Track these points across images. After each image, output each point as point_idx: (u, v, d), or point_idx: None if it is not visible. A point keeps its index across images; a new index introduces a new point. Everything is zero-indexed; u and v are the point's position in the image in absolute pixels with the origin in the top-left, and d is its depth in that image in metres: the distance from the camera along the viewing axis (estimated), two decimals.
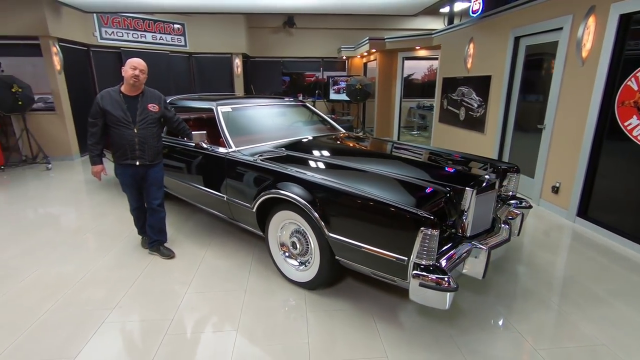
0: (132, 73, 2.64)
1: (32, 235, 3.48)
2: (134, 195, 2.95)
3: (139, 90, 2.75)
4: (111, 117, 2.67)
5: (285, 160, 2.74)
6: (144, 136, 2.75)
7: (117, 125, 2.69)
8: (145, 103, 2.77)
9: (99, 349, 1.99)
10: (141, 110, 2.74)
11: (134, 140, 2.72)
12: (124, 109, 2.69)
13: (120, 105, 2.68)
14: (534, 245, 3.33)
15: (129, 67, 2.66)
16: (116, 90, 2.71)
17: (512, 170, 2.98)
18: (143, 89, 2.79)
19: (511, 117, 4.93)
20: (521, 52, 4.69)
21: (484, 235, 2.38)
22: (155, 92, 2.88)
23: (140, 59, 2.73)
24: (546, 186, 4.22)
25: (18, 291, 2.55)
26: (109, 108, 2.66)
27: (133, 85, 2.69)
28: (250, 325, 2.19)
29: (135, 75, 2.64)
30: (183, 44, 8.88)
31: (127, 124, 2.70)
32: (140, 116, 2.73)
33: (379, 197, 2.01)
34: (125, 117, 2.69)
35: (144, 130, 2.75)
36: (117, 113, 2.67)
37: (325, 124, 4.09)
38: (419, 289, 1.84)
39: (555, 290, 2.59)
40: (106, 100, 2.67)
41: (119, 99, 2.69)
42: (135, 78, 2.65)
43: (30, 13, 5.95)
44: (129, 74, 2.65)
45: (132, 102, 2.72)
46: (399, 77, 8.42)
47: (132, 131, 2.71)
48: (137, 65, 2.68)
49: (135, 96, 2.74)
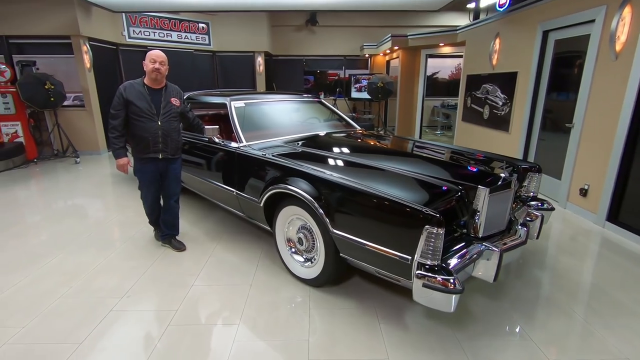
0: (152, 67, 2.62)
1: (58, 224, 3.63)
2: (153, 193, 2.92)
3: (161, 83, 2.74)
4: (135, 108, 2.63)
5: (295, 155, 2.71)
6: (167, 129, 2.74)
7: (141, 118, 2.66)
8: (168, 97, 2.76)
9: (105, 336, 2.04)
10: (165, 103, 2.73)
11: (157, 132, 2.70)
12: (149, 101, 2.66)
13: (145, 97, 2.66)
14: (558, 249, 3.14)
15: (148, 60, 2.64)
16: (140, 83, 2.70)
17: (533, 169, 2.82)
18: (166, 83, 2.78)
19: (538, 115, 4.69)
20: (549, 46, 4.45)
21: (498, 236, 2.27)
22: (176, 87, 2.89)
23: (159, 51, 2.70)
24: (574, 188, 3.98)
25: (37, 276, 2.66)
26: (133, 99, 2.62)
27: (155, 79, 2.68)
28: (252, 320, 2.18)
29: (155, 69, 2.63)
30: (207, 43, 9.05)
31: (151, 116, 2.67)
32: (164, 109, 2.72)
33: (383, 193, 1.95)
34: (149, 108, 2.66)
35: (167, 123, 2.73)
36: (142, 104, 2.64)
37: (340, 121, 4.04)
38: (423, 290, 1.76)
39: (577, 298, 2.42)
40: (130, 92, 2.64)
41: (143, 90, 2.67)
42: (157, 72, 2.63)
43: (62, 13, 6.23)
44: (149, 68, 2.63)
45: (155, 95, 2.71)
46: (422, 75, 8.22)
47: (155, 124, 2.69)
48: (156, 57, 2.64)
49: (159, 89, 2.73)
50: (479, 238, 2.15)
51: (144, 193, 2.94)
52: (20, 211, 4.02)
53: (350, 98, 10.39)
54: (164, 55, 2.70)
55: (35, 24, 6.27)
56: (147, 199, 2.96)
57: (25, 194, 4.68)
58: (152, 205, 3.01)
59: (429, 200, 1.94)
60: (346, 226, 2.10)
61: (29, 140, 6.39)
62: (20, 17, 6.23)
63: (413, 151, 3.05)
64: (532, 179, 2.84)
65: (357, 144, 3.22)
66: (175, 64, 8.52)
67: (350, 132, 3.64)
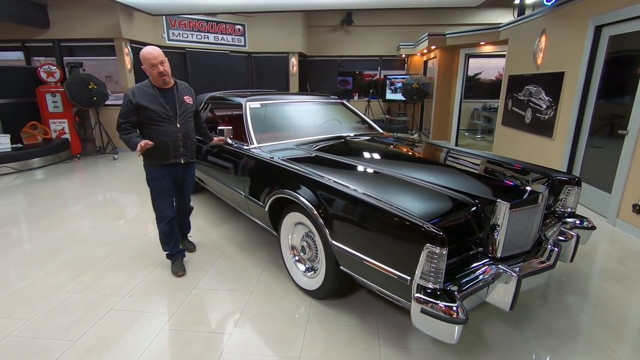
0: (156, 72, 2.32)
1: (83, 218, 3.79)
2: (169, 201, 2.59)
3: (170, 82, 2.47)
4: (149, 113, 2.36)
5: (305, 159, 2.59)
6: (186, 131, 2.50)
7: (157, 122, 2.39)
8: (181, 96, 2.51)
9: (99, 335, 2.03)
10: (180, 103, 2.47)
11: (177, 136, 2.45)
12: (162, 103, 2.39)
13: (157, 99, 2.38)
14: (602, 274, 2.76)
15: (147, 65, 2.32)
16: (148, 85, 2.41)
17: (572, 182, 2.49)
18: (175, 81, 2.51)
19: (586, 120, 4.21)
20: (602, 44, 3.97)
21: (521, 258, 2.00)
22: (186, 84, 2.62)
23: (153, 49, 2.34)
24: (626, 204, 3.51)
25: (53, 269, 2.75)
26: (146, 103, 2.34)
27: (164, 82, 2.41)
28: (246, 330, 2.08)
29: (160, 73, 2.34)
30: (242, 44, 9.19)
31: (168, 119, 2.41)
32: (180, 109, 2.47)
33: (383, 203, 1.77)
34: (165, 111, 2.40)
35: (185, 124, 2.50)
36: (156, 107, 2.37)
37: (362, 124, 3.86)
38: (422, 316, 1.57)
39: (618, 335, 2.08)
40: (140, 96, 2.35)
41: (153, 92, 2.38)
42: (163, 75, 2.35)
43: (106, 17, 6.59)
44: (154, 74, 2.34)
45: (168, 95, 2.44)
46: (460, 75, 7.77)
47: (174, 126, 2.43)
48: (154, 59, 2.30)
49: (170, 89, 2.47)
50: (498, 259, 1.91)
51: (161, 207, 2.56)
52: (53, 203, 4.25)
53: (384, 99, 10.10)
54: (160, 52, 2.36)
55: (83, 28, 6.69)
56: (164, 214, 2.56)
57: (63, 188, 4.96)
58: (171, 225, 2.60)
59: (437, 214, 1.73)
60: (345, 238, 1.94)
61: (74, 137, 6.82)
62: (69, 22, 6.67)
63: (434, 158, 2.81)
64: (570, 192, 2.51)
65: (374, 148, 3.03)
66: (211, 65, 8.80)
67: (371, 136, 3.45)
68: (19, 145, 6.02)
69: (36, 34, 6.75)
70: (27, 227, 3.59)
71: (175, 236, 2.69)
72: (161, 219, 2.59)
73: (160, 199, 2.56)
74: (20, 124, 6.27)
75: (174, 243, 2.69)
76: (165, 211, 2.58)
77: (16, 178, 5.42)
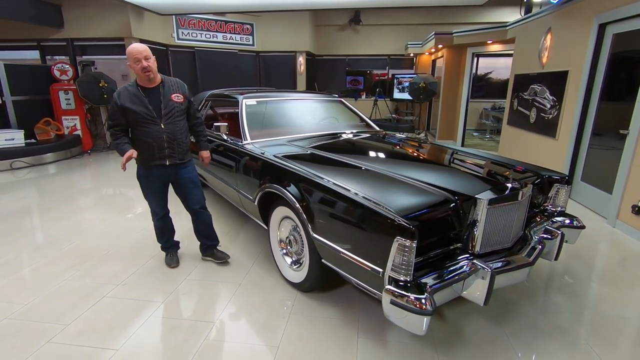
0: (139, 67, 2.25)
1: (88, 211, 3.93)
2: (159, 200, 2.59)
3: (156, 80, 2.37)
4: (133, 115, 2.31)
5: (296, 155, 2.64)
6: (172, 132, 2.41)
7: (142, 124, 2.34)
8: (168, 94, 2.40)
9: (90, 320, 2.13)
10: (165, 102, 2.38)
11: (162, 137, 2.37)
12: (145, 104, 2.32)
13: (141, 99, 2.32)
14: (594, 274, 2.73)
15: (132, 61, 2.25)
16: (133, 85, 2.35)
17: (561, 181, 2.47)
18: (161, 79, 2.40)
19: (589, 119, 4.14)
20: (606, 42, 3.90)
21: (502, 254, 2.01)
22: (177, 81, 2.52)
23: (138, 45, 2.28)
24: (625, 205, 3.45)
25: (55, 258, 2.88)
26: (129, 105, 2.30)
27: (148, 79, 2.33)
28: (229, 320, 2.15)
29: (144, 68, 2.25)
30: (251, 43, 9.30)
31: (152, 120, 2.34)
32: (165, 109, 2.37)
33: (358, 196, 1.81)
34: (148, 112, 2.33)
35: (171, 125, 2.40)
36: (139, 109, 2.31)
37: (359, 122, 3.89)
38: (391, 308, 1.60)
39: (599, 334, 2.07)
40: (124, 97, 2.31)
41: (137, 92, 2.32)
42: (147, 71, 2.27)
43: (117, 17, 6.77)
44: (137, 69, 2.26)
45: (152, 95, 2.36)
46: (467, 74, 7.70)
47: (158, 127, 2.36)
48: (138, 54, 2.23)
49: (155, 87, 2.37)
50: (477, 254, 1.92)
51: (150, 202, 2.60)
52: (61, 196, 4.41)
53: (392, 99, 10.08)
54: (145, 48, 2.29)
55: (95, 28, 6.90)
56: (155, 211, 2.62)
57: (72, 182, 5.13)
58: (163, 219, 2.66)
59: (411, 208, 1.75)
60: (324, 231, 1.99)
61: (86, 133, 7.04)
62: (82, 22, 6.89)
63: (423, 156, 2.82)
64: (560, 191, 2.49)
65: (366, 146, 3.06)
66: (219, 64, 8.94)
67: (367, 134, 3.48)
68: (33, 141, 6.24)
69: (51, 33, 6.99)
70: (35, 219, 3.74)
71: (168, 231, 2.76)
72: (153, 214, 2.65)
73: (149, 196, 2.59)
74: (35, 120, 6.50)
75: (167, 237, 2.77)
76: (155, 208, 2.61)
77: (29, 172, 5.64)
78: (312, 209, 2.06)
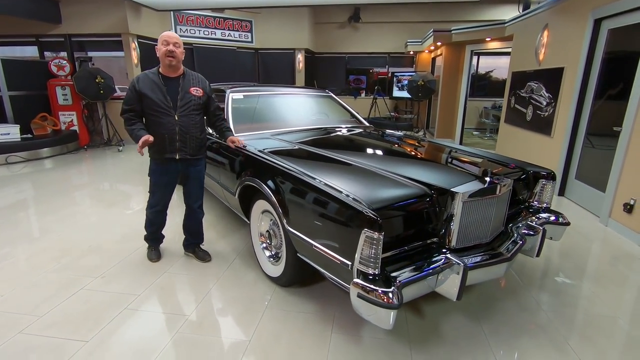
0: (165, 50, 2.27)
1: (77, 205, 3.93)
2: (163, 197, 2.57)
3: (178, 70, 2.39)
4: (149, 101, 2.31)
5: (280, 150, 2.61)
6: (185, 125, 2.38)
7: (156, 112, 2.33)
8: (187, 86, 2.40)
9: (64, 312, 2.11)
10: (182, 94, 2.37)
11: (174, 129, 2.35)
12: (164, 92, 2.32)
13: (160, 87, 2.32)
14: (581, 273, 2.67)
15: (160, 43, 2.30)
16: (154, 72, 2.37)
17: (547, 176, 2.42)
18: (184, 70, 2.43)
19: (584, 116, 4.08)
20: (602, 37, 3.83)
21: (481, 249, 1.97)
22: (198, 75, 2.53)
23: (172, 32, 2.37)
24: (618, 203, 3.38)
25: (39, 249, 2.87)
26: (147, 91, 2.30)
27: (170, 65, 2.32)
28: (203, 314, 2.12)
29: (169, 52, 2.27)
30: (250, 40, 9.28)
31: (166, 110, 2.33)
32: (181, 101, 2.36)
33: (328, 187, 1.78)
34: (165, 101, 2.32)
35: (185, 117, 2.38)
36: (156, 96, 2.31)
37: (349, 118, 3.86)
38: (358, 301, 1.57)
39: (577, 330, 2.02)
40: (144, 83, 2.32)
41: (157, 80, 2.33)
42: (170, 55, 2.28)
43: (114, 13, 6.78)
44: (162, 52, 2.28)
45: (172, 85, 2.36)
46: (466, 72, 7.62)
47: (172, 118, 2.34)
48: (169, 38, 2.29)
49: (176, 78, 2.38)
50: (453, 249, 1.88)
51: (154, 198, 2.57)
52: (54, 191, 4.41)
53: (391, 97, 10.02)
54: (177, 36, 2.34)
55: (92, 24, 6.91)
56: (154, 205, 2.58)
57: (66, 177, 5.14)
58: (159, 214, 2.63)
59: (382, 200, 1.71)
60: (298, 223, 1.96)
61: (82, 129, 7.05)
62: (80, 17, 6.91)
63: (408, 150, 2.78)
64: (545, 187, 2.44)
65: (352, 140, 3.03)
66: (218, 61, 8.92)
67: (355, 129, 3.44)
68: (29, 136, 6.27)
69: (49, 29, 7.01)
70: (24, 212, 3.74)
71: (158, 223, 2.71)
72: (151, 207, 2.60)
73: (156, 191, 2.55)
74: (32, 115, 6.53)
75: (155, 228, 2.73)
76: (155, 202, 2.58)
77: (25, 167, 5.66)
78: (287, 201, 2.03)
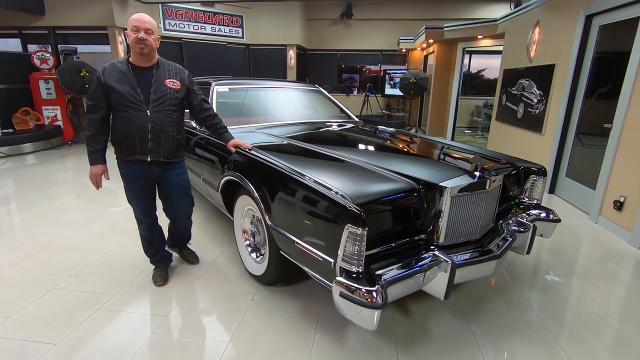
0: (134, 37, 1.92)
1: (56, 200, 3.79)
2: (144, 206, 2.18)
3: (151, 60, 2.04)
4: (117, 95, 1.96)
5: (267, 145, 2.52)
6: (159, 122, 2.03)
7: (124, 107, 1.98)
8: (161, 77, 2.04)
9: (34, 312, 2.00)
10: (156, 86, 2.02)
11: (145, 126, 2.00)
12: (134, 84, 1.97)
13: (129, 79, 1.97)
14: (572, 270, 2.63)
15: (130, 29, 1.94)
16: (123, 62, 2.01)
17: (538, 172, 2.37)
18: (159, 60, 2.08)
19: (575, 114, 4.05)
20: (593, 34, 3.81)
21: (471, 246, 1.90)
22: (176, 65, 2.16)
23: (143, 15, 1.97)
24: (608, 200, 3.36)
25: (12, 247, 2.74)
26: (114, 83, 1.94)
27: (141, 54, 1.98)
28: (182, 314, 2.03)
29: (140, 40, 1.92)
30: (240, 36, 9.13)
31: (137, 104, 1.97)
32: (154, 94, 2.01)
33: (311, 181, 1.70)
34: (134, 94, 1.97)
35: (159, 113, 2.02)
36: (124, 89, 1.95)
37: (338, 113, 3.78)
38: (341, 300, 1.49)
39: (567, 329, 1.97)
40: (110, 74, 1.96)
41: (126, 71, 1.98)
42: (141, 43, 1.93)
43: (100, 5, 6.60)
44: (131, 40, 1.93)
45: (144, 76, 2.01)
46: (457, 70, 7.60)
47: (143, 114, 1.99)
48: (139, 23, 1.92)
49: (149, 68, 2.03)
50: (441, 246, 1.81)
51: (137, 209, 2.20)
52: (33, 186, 4.26)
53: (383, 94, 9.96)
54: (150, 19, 1.98)
55: (77, 16, 6.72)
56: (139, 218, 2.23)
57: (47, 172, 4.98)
58: (149, 229, 2.27)
59: (368, 196, 1.64)
60: (280, 220, 1.88)
61: (67, 124, 6.86)
62: (64, 9, 6.71)
63: (397, 145, 2.71)
64: (536, 183, 2.39)
65: (340, 135, 2.95)
66: (208, 56, 8.76)
67: (344, 124, 3.36)
68: (10, 131, 6.07)
69: (32, 21, 6.81)
70: (2, 208, 3.59)
71: (157, 241, 2.35)
72: (139, 222, 2.25)
73: (132, 200, 2.19)
74: (13, 109, 6.32)
75: (155, 248, 2.35)
76: (140, 215, 2.21)
77: (5, 162, 5.47)
78: (269, 196, 1.94)
